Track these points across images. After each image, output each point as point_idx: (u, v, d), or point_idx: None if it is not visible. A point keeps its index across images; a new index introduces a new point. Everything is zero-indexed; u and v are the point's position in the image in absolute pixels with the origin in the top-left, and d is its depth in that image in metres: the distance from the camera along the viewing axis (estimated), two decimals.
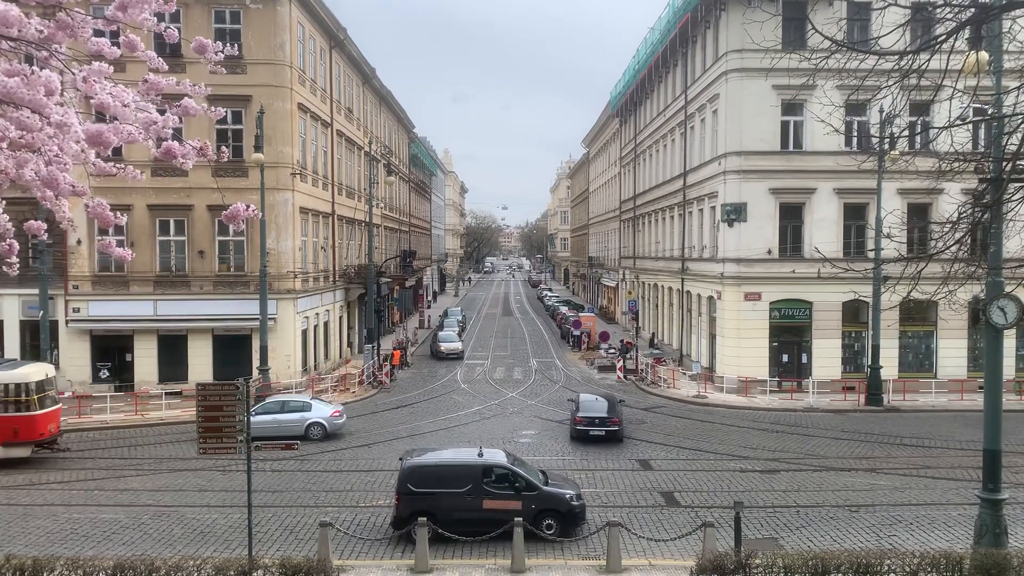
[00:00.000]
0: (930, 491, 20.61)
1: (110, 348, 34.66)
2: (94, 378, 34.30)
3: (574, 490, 17.53)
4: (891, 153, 27.20)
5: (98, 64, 5.53)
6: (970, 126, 11.63)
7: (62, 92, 5.38)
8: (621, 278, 64.50)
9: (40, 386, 23.60)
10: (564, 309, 67.94)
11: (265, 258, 31.50)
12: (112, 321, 34.06)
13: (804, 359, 34.57)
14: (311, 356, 38.48)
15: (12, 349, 34.39)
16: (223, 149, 6.71)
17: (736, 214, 33.87)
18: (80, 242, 33.68)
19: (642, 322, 52.50)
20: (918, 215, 33.02)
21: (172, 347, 34.49)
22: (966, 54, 10.81)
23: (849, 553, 13.23)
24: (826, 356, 34.28)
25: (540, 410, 32.22)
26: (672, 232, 45.53)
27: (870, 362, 32.66)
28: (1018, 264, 14.18)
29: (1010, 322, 13.48)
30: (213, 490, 20.92)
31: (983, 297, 13.78)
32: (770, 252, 33.87)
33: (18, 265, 6.61)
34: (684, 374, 38.31)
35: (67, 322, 34.05)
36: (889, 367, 33.10)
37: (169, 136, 5.82)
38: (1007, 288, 13.42)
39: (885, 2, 9.08)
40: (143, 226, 33.63)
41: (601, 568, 15.02)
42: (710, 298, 37.35)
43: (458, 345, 48.55)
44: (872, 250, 29.32)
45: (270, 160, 32.31)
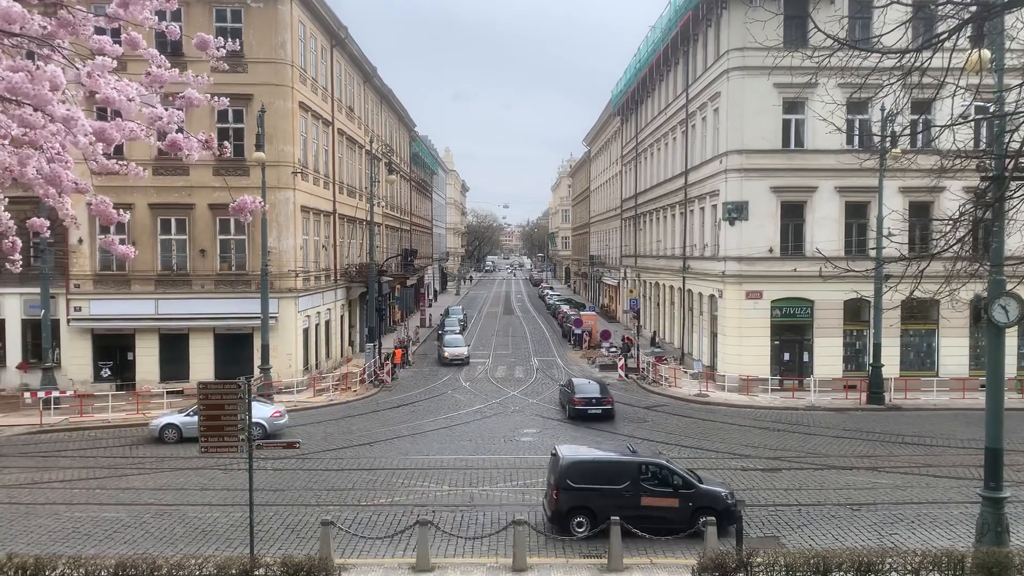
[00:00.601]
0: (932, 489, 20.60)
1: (111, 347, 34.68)
2: (95, 377, 34.31)
3: (727, 489, 17.42)
4: (893, 151, 27.19)
5: (102, 59, 5.52)
6: (972, 124, 11.63)
7: (64, 90, 5.38)
8: (622, 277, 64.46)
9: None
10: (565, 308, 67.89)
11: (266, 257, 31.54)
12: (113, 320, 34.09)
13: (805, 358, 34.56)
14: (312, 355, 38.51)
15: (14, 348, 34.46)
16: (225, 144, 6.69)
17: (737, 212, 33.86)
18: (81, 241, 33.71)
19: (643, 321, 52.49)
20: (920, 213, 32.96)
21: (173, 346, 34.50)
22: (968, 52, 10.80)
23: (851, 552, 13.24)
24: (827, 355, 34.28)
25: (542, 408, 32.23)
26: (673, 231, 45.50)
27: (871, 360, 32.65)
28: (1020, 262, 14.20)
29: (1012, 320, 13.48)
30: (215, 489, 20.93)
31: (985, 295, 13.77)
32: (771, 251, 33.86)
33: (20, 263, 6.60)
34: (685, 373, 38.31)
35: (68, 321, 34.08)
36: (891, 365, 33.09)
37: (174, 131, 5.82)
38: (1009, 286, 13.38)
39: (887, 0, 9.07)
40: (144, 225, 33.66)
41: (602, 567, 15.01)
42: (711, 297, 37.33)
43: (464, 351, 45.14)
44: (874, 248, 29.30)
45: (271, 159, 32.37)
